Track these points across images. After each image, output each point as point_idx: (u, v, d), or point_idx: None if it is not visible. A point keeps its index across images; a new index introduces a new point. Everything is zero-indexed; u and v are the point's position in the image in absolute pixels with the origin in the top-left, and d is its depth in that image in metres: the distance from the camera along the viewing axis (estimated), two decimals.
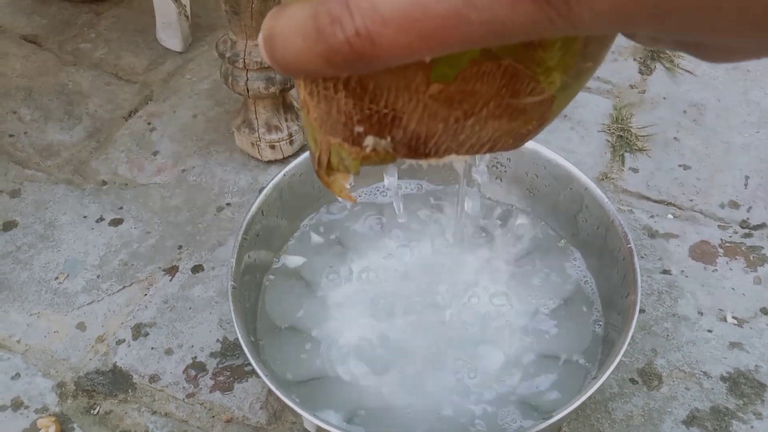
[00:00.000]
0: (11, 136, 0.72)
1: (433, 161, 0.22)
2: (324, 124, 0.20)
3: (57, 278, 0.60)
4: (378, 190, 0.60)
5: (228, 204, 0.66)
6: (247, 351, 0.42)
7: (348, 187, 0.24)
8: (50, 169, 0.69)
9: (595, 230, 0.49)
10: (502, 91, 0.19)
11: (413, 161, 0.22)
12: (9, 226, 0.64)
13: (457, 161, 0.23)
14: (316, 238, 0.57)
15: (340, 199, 0.26)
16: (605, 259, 0.49)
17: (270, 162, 0.70)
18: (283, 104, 0.68)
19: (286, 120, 0.68)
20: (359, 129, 0.20)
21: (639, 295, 0.42)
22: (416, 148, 0.21)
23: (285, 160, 0.70)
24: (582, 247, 0.52)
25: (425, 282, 0.54)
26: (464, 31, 0.14)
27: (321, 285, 0.54)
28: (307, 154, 0.55)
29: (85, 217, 0.64)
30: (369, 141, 0.20)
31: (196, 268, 0.61)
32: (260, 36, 0.17)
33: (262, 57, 0.18)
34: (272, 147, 0.68)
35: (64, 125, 0.73)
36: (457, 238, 0.57)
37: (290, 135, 0.68)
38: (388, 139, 0.20)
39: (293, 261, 0.56)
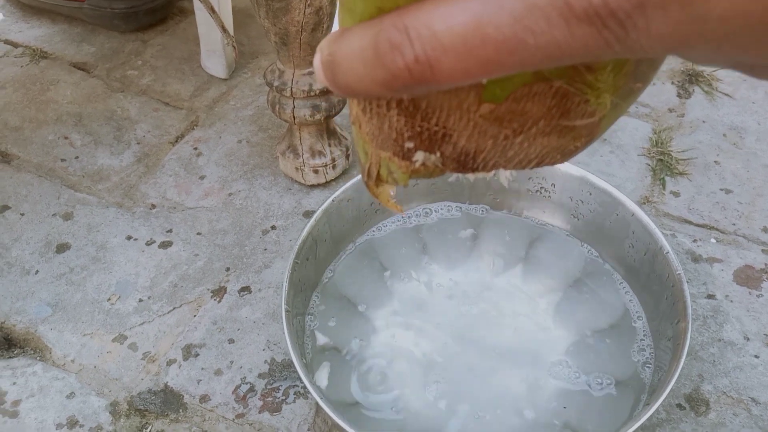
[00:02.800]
0: (63, 160, 0.75)
1: (480, 175, 0.23)
2: (375, 139, 0.21)
3: (109, 299, 0.62)
4: (420, 214, 0.61)
5: (273, 227, 0.68)
6: (303, 375, 0.43)
7: (393, 196, 0.25)
8: (101, 193, 0.71)
9: (643, 256, 0.50)
10: (552, 111, 0.19)
11: (461, 174, 0.23)
12: (62, 248, 0.66)
13: (504, 175, 0.23)
14: (361, 260, 0.58)
15: (387, 208, 0.26)
16: (653, 285, 0.49)
17: (313, 186, 0.71)
18: (327, 130, 0.69)
19: (330, 145, 0.69)
20: (409, 144, 0.20)
21: (690, 322, 0.42)
22: (465, 163, 0.21)
23: (327, 184, 0.71)
24: (628, 273, 0.52)
25: (469, 305, 0.55)
26: (522, 55, 0.14)
27: (366, 306, 0.55)
28: (353, 180, 0.57)
29: (135, 239, 0.66)
30: (419, 156, 0.21)
31: (244, 290, 0.62)
32: (317, 60, 0.17)
33: (319, 79, 0.18)
34: (316, 171, 0.70)
35: (113, 150, 0.76)
36: (500, 263, 0.57)
37: (333, 160, 0.70)
38: (438, 154, 0.21)
39: (339, 283, 0.57)
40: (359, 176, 0.57)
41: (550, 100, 0.19)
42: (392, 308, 0.55)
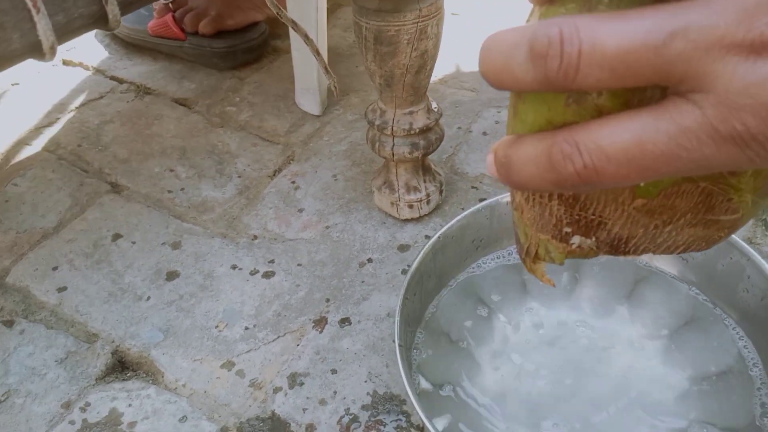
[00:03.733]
0: (170, 191, 0.79)
1: (630, 257, 0.25)
2: (535, 223, 0.24)
3: (217, 326, 0.64)
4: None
5: (369, 260, 0.70)
6: (421, 412, 0.44)
7: (546, 272, 0.27)
8: (206, 224, 0.75)
9: (759, 302, 0.49)
10: (698, 206, 0.21)
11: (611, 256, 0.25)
12: (172, 275, 0.70)
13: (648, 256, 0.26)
14: (462, 296, 0.59)
15: (541, 282, 0.29)
16: None
17: (407, 220, 0.73)
18: (422, 166, 0.71)
19: (425, 181, 0.71)
20: (567, 230, 0.23)
21: None
22: (617, 247, 0.23)
23: (421, 219, 0.73)
24: (742, 318, 0.52)
25: (573, 347, 0.55)
26: (675, 165, 0.17)
27: (468, 344, 0.56)
28: (458, 217, 0.58)
29: (240, 269, 0.69)
30: (575, 240, 0.23)
31: (344, 321, 0.64)
32: (491, 159, 0.21)
33: (490, 173, 0.21)
34: (410, 206, 0.72)
35: (216, 183, 0.80)
36: (604, 303, 0.57)
37: (428, 195, 0.71)
38: (593, 239, 0.23)
39: (441, 318, 0.58)
40: (464, 213, 0.58)
41: (697, 198, 0.21)
42: (494, 347, 0.56)
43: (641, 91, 0.18)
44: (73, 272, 0.70)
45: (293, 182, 0.79)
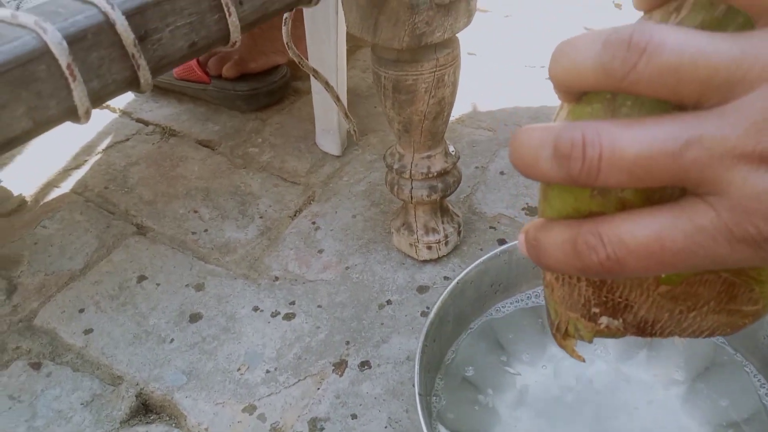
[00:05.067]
0: (193, 233, 0.81)
1: (657, 339, 0.26)
2: (565, 302, 0.25)
3: (239, 369, 0.65)
4: (539, 294, 0.62)
5: (388, 302, 0.70)
6: None
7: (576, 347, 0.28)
8: (228, 265, 0.76)
9: None
10: (721, 295, 0.22)
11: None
12: (195, 317, 0.71)
13: (679, 341, 0.27)
14: (481, 341, 0.60)
15: (572, 357, 0.30)
16: None
17: (425, 261, 0.74)
18: (441, 208, 0.72)
19: (443, 223, 0.72)
20: (595, 310, 0.24)
21: None
22: (643, 329, 0.25)
23: (439, 260, 0.74)
24: (763, 365, 0.51)
25: (593, 396, 0.55)
26: (692, 261, 0.18)
27: (489, 391, 0.56)
28: (476, 262, 0.59)
29: (261, 311, 0.70)
30: (603, 320, 0.24)
31: (364, 365, 0.64)
32: (522, 238, 0.22)
33: (521, 251, 0.23)
34: (429, 248, 0.72)
35: (239, 224, 0.81)
36: (623, 348, 0.57)
37: (446, 236, 0.72)
38: (620, 320, 0.24)
39: (461, 364, 0.58)
40: (482, 258, 0.59)
41: (719, 287, 0.22)
42: (514, 395, 0.56)
43: (662, 187, 0.19)
44: (99, 314, 0.72)
45: (313, 223, 0.80)
